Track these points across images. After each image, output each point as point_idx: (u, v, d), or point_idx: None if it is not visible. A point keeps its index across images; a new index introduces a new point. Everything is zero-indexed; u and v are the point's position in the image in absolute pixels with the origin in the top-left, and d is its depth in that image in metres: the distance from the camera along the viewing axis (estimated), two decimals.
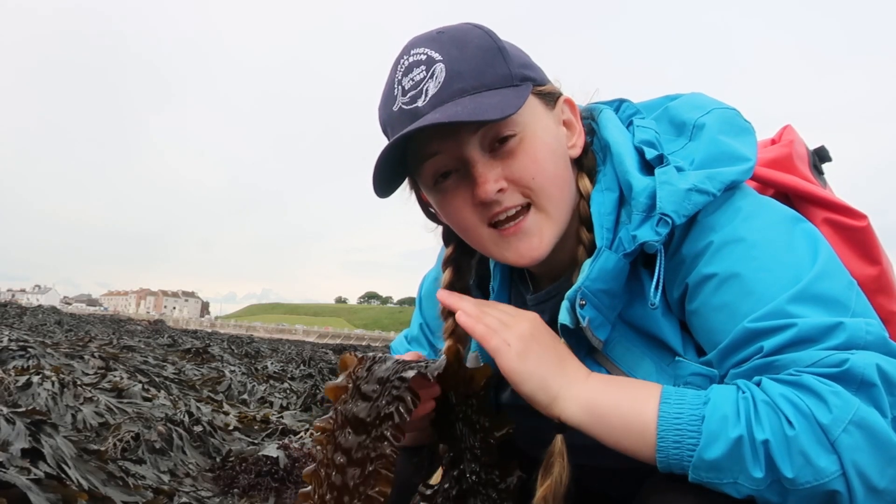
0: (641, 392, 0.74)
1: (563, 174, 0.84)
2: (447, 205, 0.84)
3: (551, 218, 0.83)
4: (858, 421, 0.64)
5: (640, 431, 0.71)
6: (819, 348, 0.69)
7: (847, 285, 0.75)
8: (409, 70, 0.80)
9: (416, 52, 0.80)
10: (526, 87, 0.80)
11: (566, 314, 0.80)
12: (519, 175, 0.80)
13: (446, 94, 0.77)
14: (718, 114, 0.87)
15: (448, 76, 0.77)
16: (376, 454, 0.72)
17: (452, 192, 0.83)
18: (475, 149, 0.80)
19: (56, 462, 2.05)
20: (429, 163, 0.82)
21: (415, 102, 0.78)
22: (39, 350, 5.14)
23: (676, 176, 0.79)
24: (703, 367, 0.78)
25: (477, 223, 0.83)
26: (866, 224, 0.93)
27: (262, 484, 2.80)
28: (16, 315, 14.21)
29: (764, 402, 0.67)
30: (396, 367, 0.76)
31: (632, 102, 0.96)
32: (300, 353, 10.23)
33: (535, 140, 0.81)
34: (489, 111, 0.74)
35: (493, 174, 0.80)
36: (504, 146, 0.80)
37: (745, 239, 0.76)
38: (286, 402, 5.21)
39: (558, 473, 0.79)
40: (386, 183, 0.83)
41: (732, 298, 0.74)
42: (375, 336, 67.74)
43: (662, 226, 0.76)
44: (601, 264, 0.79)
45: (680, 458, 0.69)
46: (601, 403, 0.75)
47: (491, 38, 0.81)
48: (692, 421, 0.69)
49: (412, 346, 1.15)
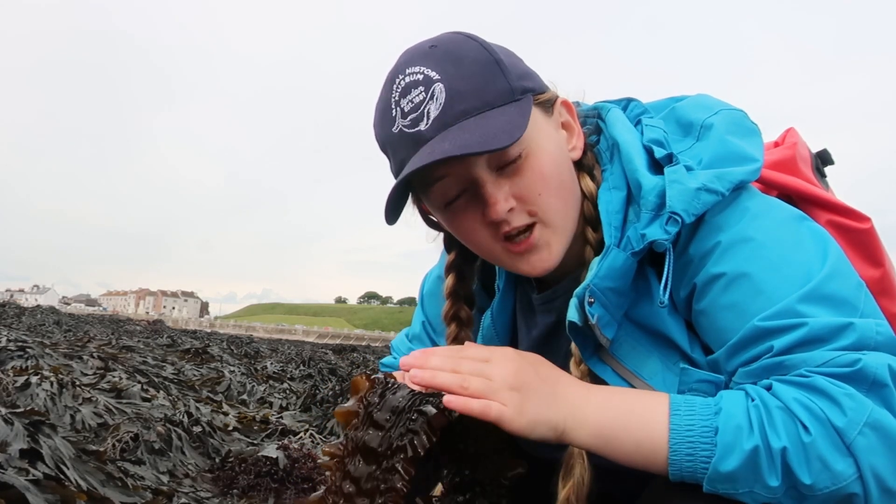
0: (648, 404, 0.73)
1: (567, 181, 0.84)
2: (459, 225, 0.84)
3: (557, 230, 0.83)
4: (873, 423, 0.64)
5: (651, 447, 0.70)
6: (829, 348, 0.68)
7: (856, 286, 0.74)
8: (407, 91, 0.78)
9: (412, 70, 0.79)
10: (527, 100, 0.80)
11: (575, 311, 0.80)
12: (526, 193, 0.80)
13: (449, 116, 0.76)
14: (726, 115, 0.86)
15: (448, 97, 0.76)
16: (386, 486, 0.69)
17: (463, 212, 0.83)
18: (483, 170, 0.79)
19: (55, 463, 2.05)
20: (437, 186, 0.81)
21: (416, 126, 0.77)
22: (38, 350, 5.13)
23: (686, 175, 0.79)
24: (709, 373, 0.77)
25: (491, 241, 0.83)
26: (869, 226, 0.93)
27: (262, 484, 2.79)
28: (14, 315, 14.19)
29: (779, 408, 0.66)
30: (413, 398, 0.72)
31: (640, 102, 0.95)
32: (300, 354, 10.24)
33: (540, 153, 0.81)
34: (498, 137, 0.74)
35: (502, 193, 0.79)
36: (511, 164, 0.80)
37: (753, 238, 0.76)
38: (286, 403, 5.21)
39: (580, 474, 0.79)
40: (394, 211, 0.82)
41: (741, 297, 0.74)
42: (375, 336, 67.74)
43: (672, 224, 0.76)
44: (610, 262, 0.79)
45: (693, 470, 0.68)
46: (610, 424, 0.73)
47: (486, 51, 0.80)
48: (704, 433, 0.68)
49: (413, 345, 1.15)
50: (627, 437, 0.71)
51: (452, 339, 0.97)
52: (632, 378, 0.82)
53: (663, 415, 0.71)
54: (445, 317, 0.97)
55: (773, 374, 0.70)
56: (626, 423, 0.72)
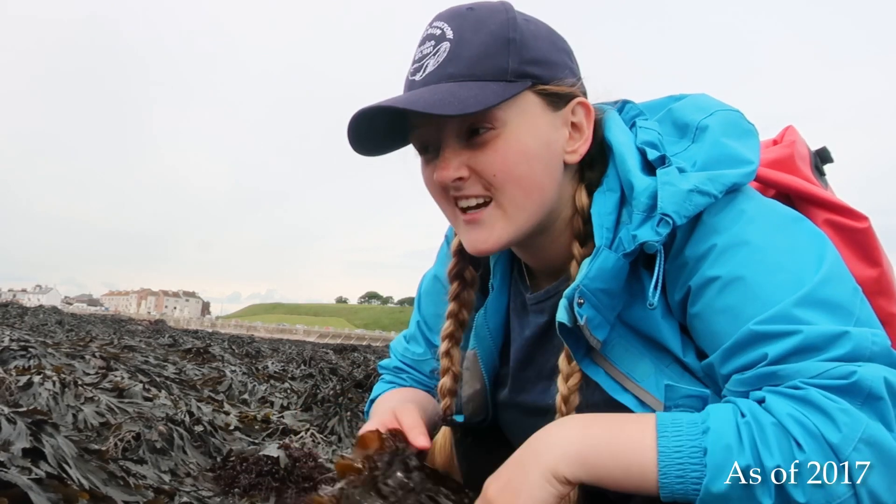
0: (635, 427, 0.71)
1: (537, 178, 0.82)
2: (425, 175, 0.88)
3: (508, 217, 0.82)
4: (867, 438, 0.63)
5: (641, 472, 0.68)
6: (824, 358, 0.68)
7: (852, 291, 0.74)
8: (425, 41, 0.83)
9: (437, 24, 0.82)
10: (520, 84, 0.80)
11: (564, 312, 0.80)
12: (482, 168, 0.81)
13: (437, 75, 0.79)
14: (722, 116, 0.86)
15: (447, 58, 0.79)
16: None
17: (427, 165, 0.86)
18: (450, 133, 0.82)
19: (57, 462, 2.05)
20: (414, 134, 0.86)
21: (415, 75, 0.82)
22: (40, 350, 5.14)
23: (678, 177, 0.78)
24: (696, 388, 0.76)
25: (443, 200, 0.87)
26: (867, 225, 0.93)
27: (263, 484, 2.80)
28: (17, 315, 14.22)
29: (772, 424, 0.65)
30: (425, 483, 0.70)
31: (635, 103, 0.95)
32: (301, 353, 10.24)
33: (512, 138, 0.80)
34: (453, 104, 0.75)
35: (455, 161, 0.81)
36: (477, 137, 0.81)
37: (749, 242, 0.76)
38: (287, 402, 5.22)
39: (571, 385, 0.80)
40: (374, 143, 0.85)
41: (736, 301, 0.74)
42: (376, 336, 67.76)
43: (663, 226, 0.76)
44: (600, 263, 0.79)
45: (685, 491, 0.67)
46: (596, 454, 0.71)
47: (508, 27, 0.81)
48: (693, 453, 0.66)
49: (410, 345, 1.16)
50: (615, 464, 0.70)
51: (454, 297, 0.98)
52: (624, 380, 0.81)
53: (650, 437, 0.69)
54: (449, 273, 0.99)
55: (767, 383, 0.70)
56: (613, 450, 0.70)
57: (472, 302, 1.00)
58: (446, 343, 0.99)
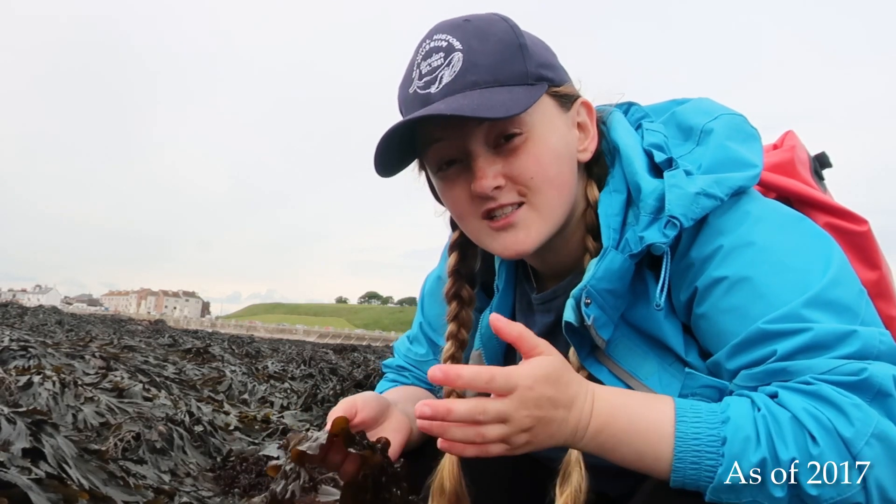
0: (654, 409, 0.72)
1: (566, 178, 0.84)
2: (447, 192, 0.86)
3: (542, 216, 0.83)
4: (879, 434, 0.64)
5: (655, 454, 0.69)
6: (833, 356, 0.68)
7: (858, 293, 0.75)
8: (429, 55, 0.81)
9: (439, 37, 0.81)
10: (540, 87, 0.81)
11: (571, 312, 0.81)
12: (518, 173, 0.81)
13: (459, 84, 0.78)
14: (726, 119, 0.87)
15: (464, 67, 0.78)
16: None
17: (453, 180, 0.84)
18: (478, 142, 0.81)
19: (57, 462, 2.05)
20: (433, 148, 0.83)
21: (428, 88, 0.80)
22: (40, 350, 5.14)
23: (685, 179, 0.79)
24: (715, 379, 0.77)
25: (471, 214, 0.85)
26: (867, 229, 0.94)
27: (263, 484, 2.80)
28: (17, 315, 14.21)
29: (789, 419, 0.66)
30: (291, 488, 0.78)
31: (640, 105, 0.96)
32: (301, 353, 10.23)
33: (541, 141, 0.81)
34: (494, 108, 0.75)
35: (492, 170, 0.81)
36: (508, 143, 0.80)
37: (755, 242, 0.76)
38: (287, 402, 5.22)
39: (577, 482, 0.78)
40: (391, 163, 0.84)
41: (743, 301, 0.74)
42: (376, 336, 67.68)
43: (670, 228, 0.77)
44: (607, 264, 0.79)
45: (697, 478, 0.67)
46: (614, 430, 0.71)
47: (514, 33, 0.82)
48: (711, 442, 0.67)
49: (413, 346, 1.16)
50: (631, 442, 0.70)
51: (453, 318, 0.97)
52: (628, 378, 0.82)
53: (669, 421, 0.70)
54: (447, 295, 0.98)
55: (777, 379, 0.70)
56: (632, 429, 0.71)
57: (470, 322, 0.99)
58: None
